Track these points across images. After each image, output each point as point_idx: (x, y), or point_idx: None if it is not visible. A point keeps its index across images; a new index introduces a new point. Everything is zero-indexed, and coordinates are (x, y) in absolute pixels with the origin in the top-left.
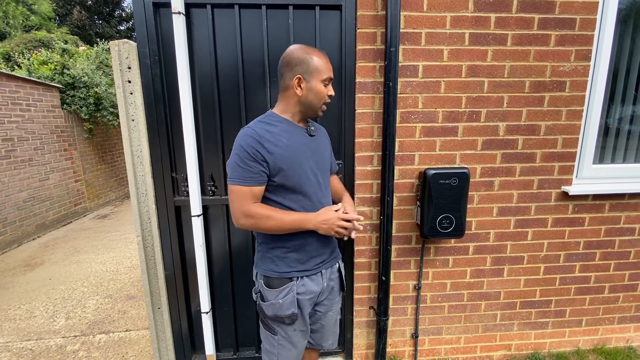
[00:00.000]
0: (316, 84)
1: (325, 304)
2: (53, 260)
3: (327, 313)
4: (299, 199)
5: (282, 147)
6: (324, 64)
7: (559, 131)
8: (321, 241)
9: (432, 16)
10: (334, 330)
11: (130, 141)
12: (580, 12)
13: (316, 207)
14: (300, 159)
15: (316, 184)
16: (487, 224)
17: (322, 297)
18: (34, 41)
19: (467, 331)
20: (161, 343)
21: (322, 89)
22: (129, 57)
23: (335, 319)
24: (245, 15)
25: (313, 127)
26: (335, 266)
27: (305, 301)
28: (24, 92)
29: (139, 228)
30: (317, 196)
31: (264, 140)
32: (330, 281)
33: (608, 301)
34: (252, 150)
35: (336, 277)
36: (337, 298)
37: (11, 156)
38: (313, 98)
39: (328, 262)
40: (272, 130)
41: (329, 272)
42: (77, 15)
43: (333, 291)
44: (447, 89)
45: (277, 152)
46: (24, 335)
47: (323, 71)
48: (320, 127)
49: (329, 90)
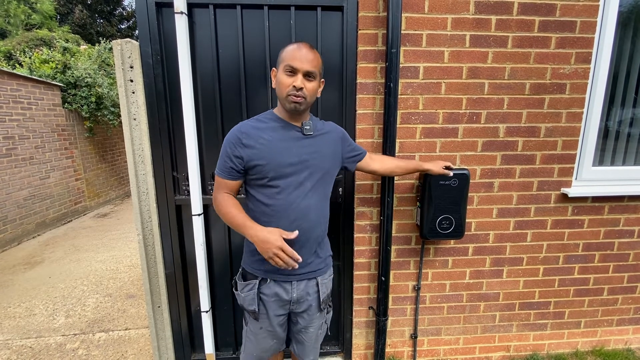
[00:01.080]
0: (280, 74)
1: (304, 318)
2: (53, 259)
3: (308, 329)
4: (272, 194)
5: (263, 143)
6: (288, 51)
7: (558, 133)
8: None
9: (433, 18)
10: (315, 347)
11: (131, 140)
12: (580, 15)
13: (289, 205)
14: (278, 156)
15: (294, 183)
16: (487, 225)
17: (299, 308)
18: (35, 39)
19: (466, 332)
20: (161, 342)
21: (283, 78)
22: (131, 57)
23: (316, 335)
24: (247, 15)
25: (308, 127)
26: (312, 282)
27: (271, 303)
28: (25, 91)
29: (140, 226)
30: (291, 195)
31: (244, 136)
32: (308, 295)
33: (607, 303)
34: (231, 147)
35: (314, 291)
36: (317, 314)
37: (12, 154)
38: (278, 90)
39: (302, 275)
40: (259, 127)
41: (303, 285)
42: (79, 14)
43: (311, 308)
44: (448, 91)
45: (254, 147)
46: (24, 333)
47: (285, 59)
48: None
49: (294, 81)
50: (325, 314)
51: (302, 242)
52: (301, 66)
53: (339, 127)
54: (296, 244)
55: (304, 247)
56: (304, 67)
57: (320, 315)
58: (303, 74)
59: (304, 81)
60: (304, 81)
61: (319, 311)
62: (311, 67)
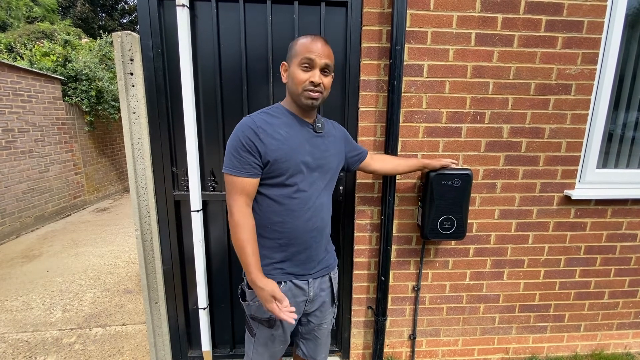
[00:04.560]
0: (293, 68)
1: (317, 316)
2: (51, 253)
3: (322, 326)
4: (289, 193)
5: (279, 139)
6: (302, 43)
7: (563, 135)
8: (311, 250)
9: (438, 15)
10: (327, 343)
11: (131, 134)
12: (588, 15)
13: (305, 204)
14: (295, 153)
15: (310, 182)
16: (488, 226)
17: (312, 307)
18: (36, 32)
19: (465, 333)
20: (158, 338)
21: (298, 73)
22: (131, 49)
23: (328, 331)
24: (250, 9)
25: (320, 124)
26: (326, 277)
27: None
28: (25, 84)
29: (138, 222)
30: (307, 194)
31: (260, 130)
32: (322, 291)
33: (607, 307)
34: (247, 141)
35: (327, 287)
36: (330, 309)
37: (11, 147)
38: (291, 85)
39: (317, 272)
40: (272, 122)
41: (317, 282)
42: (80, 7)
43: (325, 304)
44: (452, 89)
45: (272, 144)
46: (20, 327)
47: (300, 52)
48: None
49: (311, 77)
50: (335, 308)
51: (316, 241)
52: (319, 60)
53: (340, 125)
54: (310, 243)
55: (318, 245)
56: (321, 61)
57: (332, 310)
58: (320, 68)
59: (321, 76)
60: (321, 76)
61: (332, 305)
62: (329, 60)
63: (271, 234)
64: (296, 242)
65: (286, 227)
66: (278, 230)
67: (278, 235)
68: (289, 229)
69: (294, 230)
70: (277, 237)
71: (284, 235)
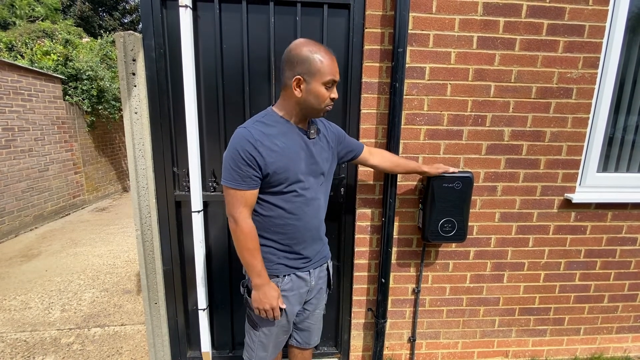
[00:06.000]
0: (317, 86)
1: (313, 303)
2: (50, 252)
3: (315, 311)
4: (289, 198)
5: (277, 151)
6: (327, 64)
7: (564, 138)
8: (311, 245)
9: (440, 18)
10: (320, 327)
11: (132, 134)
12: (589, 19)
13: (306, 206)
14: (293, 163)
15: (308, 186)
16: (489, 229)
17: (310, 295)
18: (37, 31)
19: (465, 336)
20: (157, 338)
21: (323, 92)
22: (134, 50)
23: (321, 315)
24: (253, 11)
25: (313, 130)
26: (324, 266)
27: (290, 297)
28: (26, 82)
29: (139, 222)
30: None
31: (258, 144)
32: (320, 279)
33: (607, 310)
34: (246, 155)
35: (324, 275)
36: (324, 295)
37: (11, 146)
38: (313, 101)
39: (317, 262)
40: (269, 132)
41: (317, 271)
42: (80, 6)
43: (321, 290)
44: (454, 92)
45: (270, 156)
46: (19, 327)
47: (326, 73)
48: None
49: (332, 93)
50: (327, 294)
51: (315, 237)
52: (338, 79)
53: (333, 124)
54: (310, 240)
55: (317, 240)
56: (338, 79)
57: (326, 295)
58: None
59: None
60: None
61: (326, 291)
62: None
63: (273, 235)
64: (297, 240)
65: (287, 229)
66: (280, 232)
67: (280, 236)
68: (290, 230)
69: (295, 230)
70: (279, 238)
71: (286, 236)
